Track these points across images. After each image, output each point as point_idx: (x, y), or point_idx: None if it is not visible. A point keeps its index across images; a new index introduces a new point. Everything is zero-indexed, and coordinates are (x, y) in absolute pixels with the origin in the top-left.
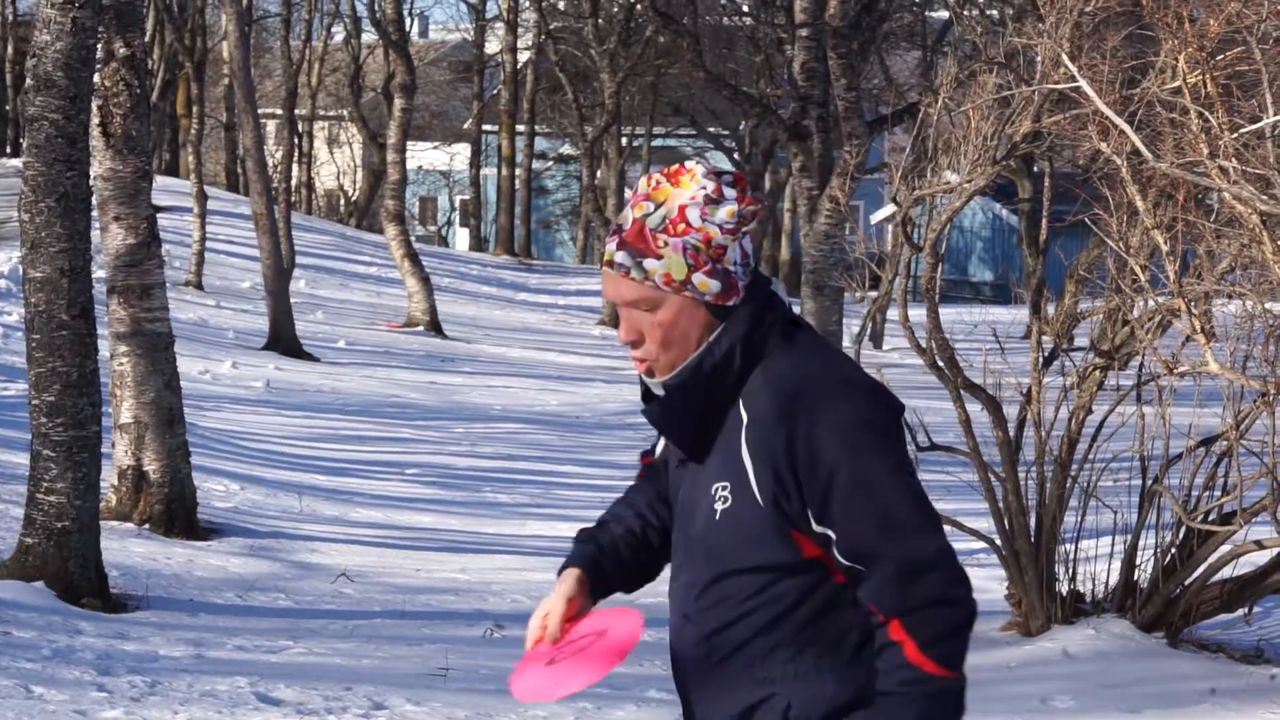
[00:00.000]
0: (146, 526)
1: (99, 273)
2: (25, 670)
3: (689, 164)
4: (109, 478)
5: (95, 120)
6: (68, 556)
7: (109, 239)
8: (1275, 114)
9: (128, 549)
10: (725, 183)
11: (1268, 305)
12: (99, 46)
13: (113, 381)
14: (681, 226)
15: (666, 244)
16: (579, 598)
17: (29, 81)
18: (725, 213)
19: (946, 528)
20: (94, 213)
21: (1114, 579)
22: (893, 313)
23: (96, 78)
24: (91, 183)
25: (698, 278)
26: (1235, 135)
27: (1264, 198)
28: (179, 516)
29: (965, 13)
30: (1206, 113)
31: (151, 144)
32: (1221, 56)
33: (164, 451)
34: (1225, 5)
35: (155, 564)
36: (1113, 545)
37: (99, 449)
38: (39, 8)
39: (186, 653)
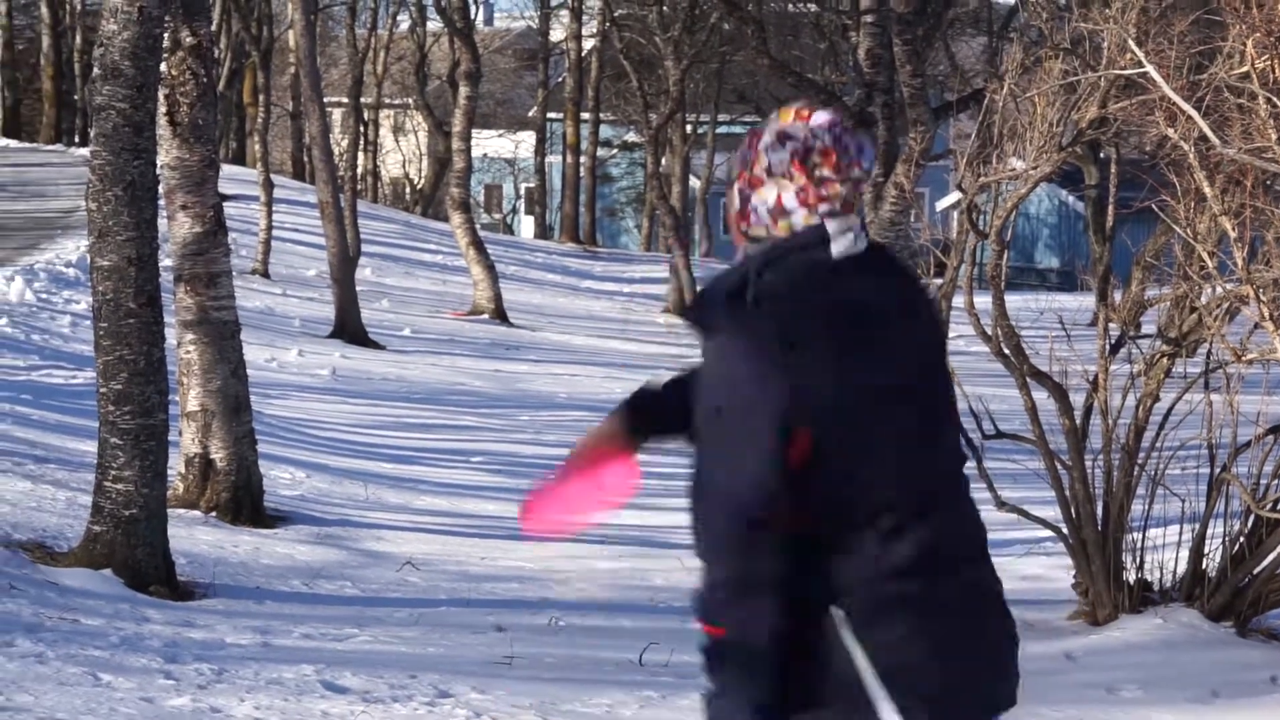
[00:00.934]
0: (213, 514)
1: (166, 261)
2: (93, 658)
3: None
4: (176, 466)
5: (162, 109)
6: (135, 544)
7: (176, 227)
8: None
9: (194, 537)
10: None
11: None
12: (165, 35)
13: (179, 369)
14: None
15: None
16: (615, 438)
17: (96, 71)
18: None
19: (1014, 516)
20: (160, 201)
21: (1181, 568)
22: (958, 300)
23: (163, 67)
24: (158, 171)
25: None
26: None
27: None
28: (245, 504)
29: None
30: (1275, 98)
31: (218, 133)
32: None
33: (230, 439)
34: None
35: (222, 552)
36: (1180, 534)
37: (166, 437)
38: None
39: (253, 640)
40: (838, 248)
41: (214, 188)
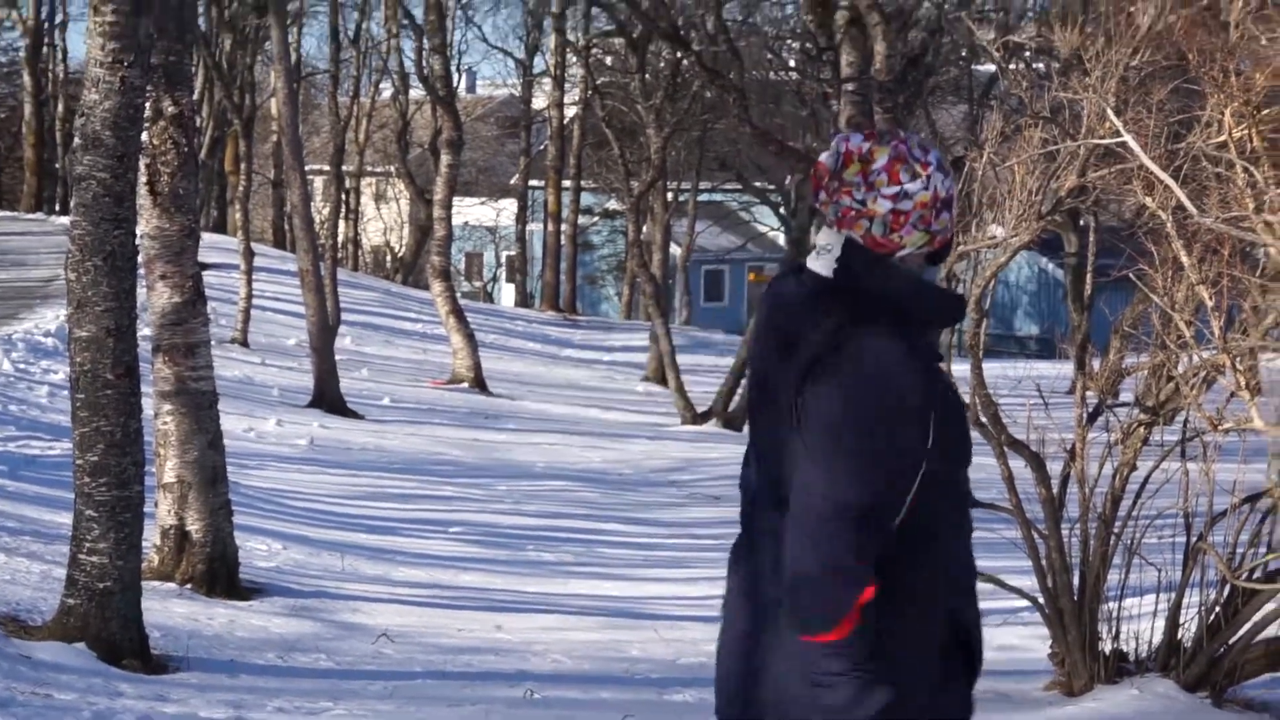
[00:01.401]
0: (188, 586)
1: (144, 330)
2: None
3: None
4: (151, 537)
5: (143, 179)
6: (109, 617)
7: (155, 297)
8: None
9: (169, 609)
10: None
11: None
12: (147, 105)
13: (156, 440)
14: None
15: None
16: None
17: (77, 140)
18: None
19: (990, 586)
20: (140, 271)
21: (1158, 638)
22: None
23: (144, 136)
24: (138, 241)
25: None
26: None
27: None
28: (221, 576)
29: (1011, 67)
30: (1252, 167)
31: (199, 202)
32: (1267, 111)
33: (207, 511)
34: (1271, 59)
35: (197, 624)
36: (1156, 603)
37: (142, 509)
38: (88, 66)
39: (227, 715)
40: (811, 257)
41: (193, 257)
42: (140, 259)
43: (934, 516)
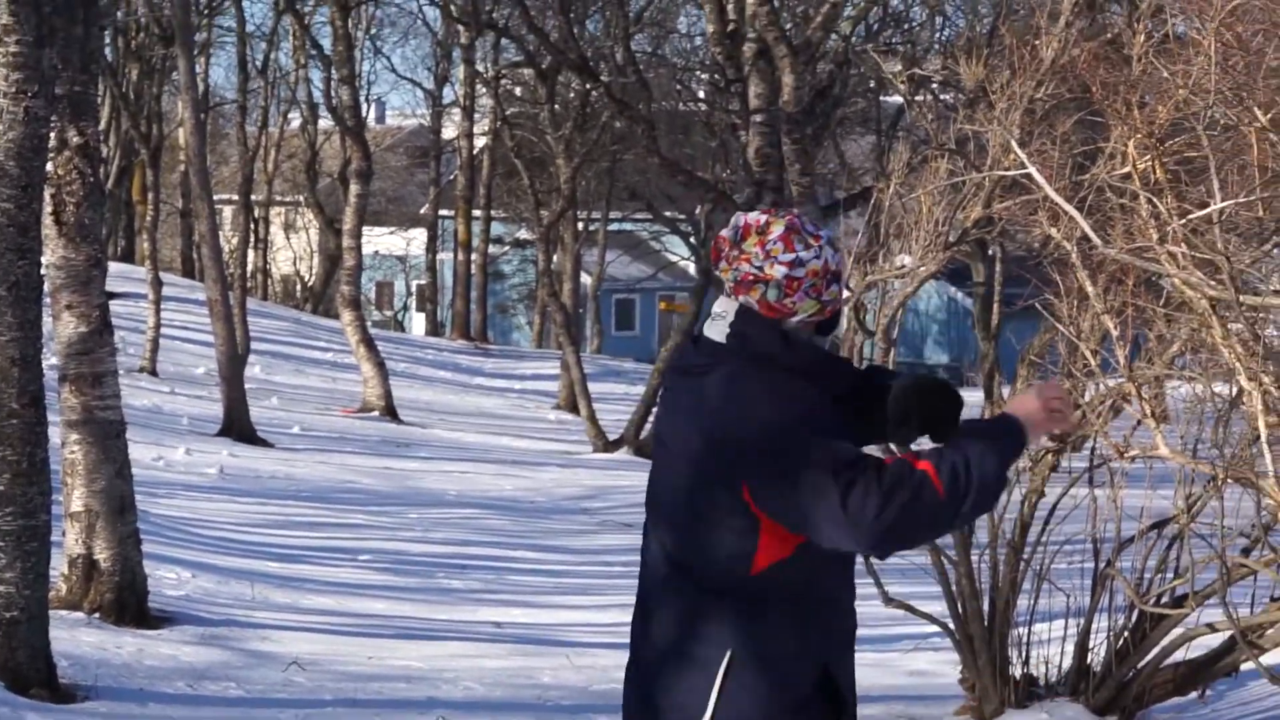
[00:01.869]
0: (97, 615)
1: (51, 360)
2: None
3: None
4: (59, 566)
5: (48, 209)
6: (16, 646)
7: (61, 327)
8: (1222, 200)
9: (77, 638)
10: None
11: (1217, 389)
12: (52, 135)
13: (64, 469)
14: None
15: None
16: None
17: None
18: None
19: (900, 612)
20: (46, 300)
21: (1067, 662)
22: None
23: (49, 166)
24: (44, 271)
25: None
26: (1184, 221)
27: (1212, 283)
28: (130, 605)
29: (917, 99)
30: (1155, 199)
31: (105, 231)
32: (1170, 143)
33: (115, 540)
34: (1174, 93)
35: (105, 653)
36: (1066, 628)
37: (49, 538)
38: None
39: None
40: (706, 324)
41: (100, 287)
42: (46, 289)
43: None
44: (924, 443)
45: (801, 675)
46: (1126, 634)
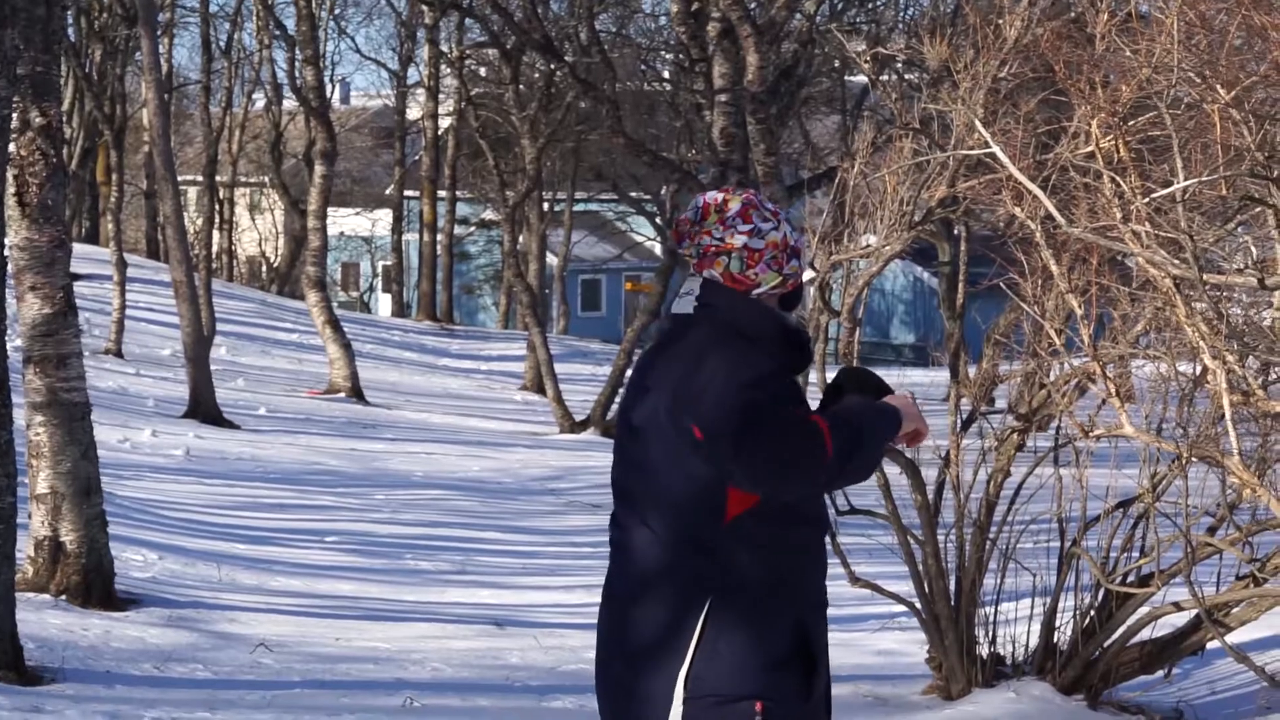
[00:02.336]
0: (63, 598)
1: (15, 342)
2: None
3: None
4: (25, 549)
5: (10, 190)
6: None
7: (25, 309)
8: (1186, 179)
9: (44, 620)
10: None
11: (1181, 368)
12: (14, 116)
13: (29, 451)
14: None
15: None
16: None
17: None
18: None
19: (867, 592)
20: (9, 282)
21: (1034, 641)
22: (813, 377)
23: (12, 147)
24: (7, 252)
25: None
26: (1148, 200)
27: (1176, 261)
28: (96, 587)
29: (882, 78)
30: (1119, 178)
31: (70, 213)
32: (1134, 122)
33: (81, 522)
34: (1137, 71)
35: (72, 635)
36: (1032, 608)
37: (14, 520)
38: None
39: None
40: (674, 303)
41: (64, 268)
42: (9, 270)
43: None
44: None
45: (779, 633)
46: (1093, 613)
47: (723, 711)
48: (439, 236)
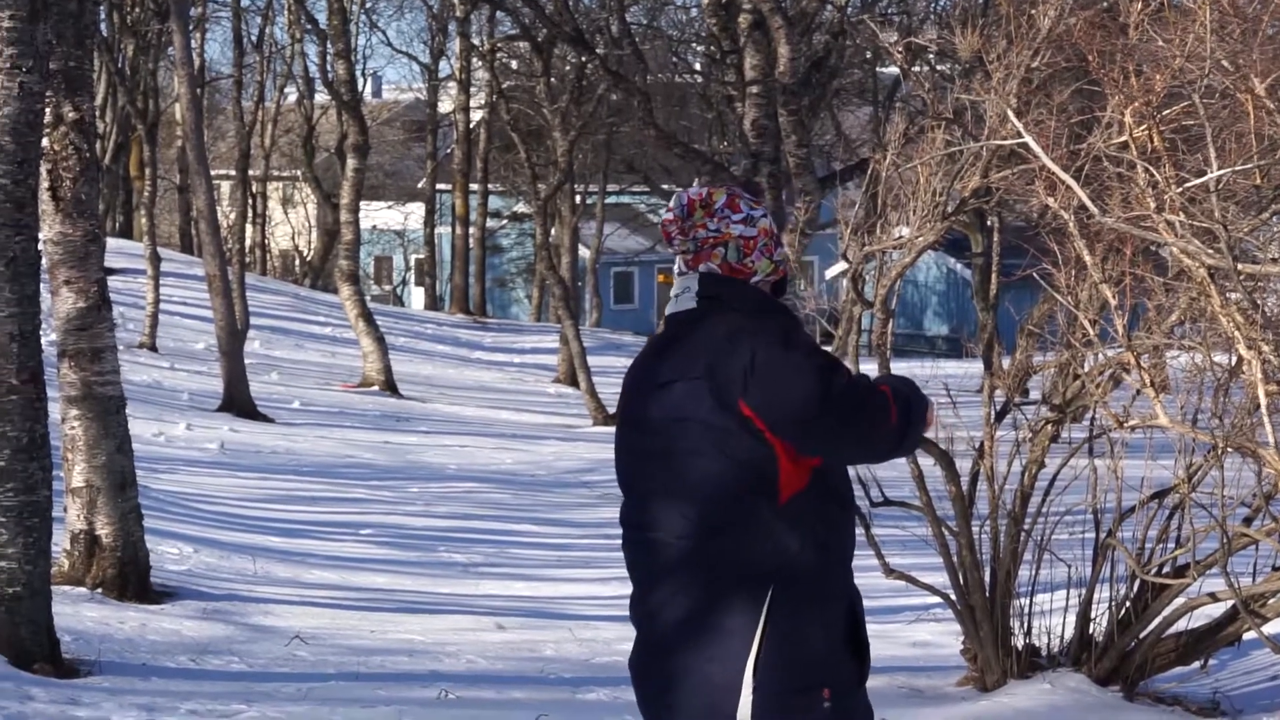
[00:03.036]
0: (99, 591)
1: (50, 336)
2: None
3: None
4: (61, 542)
5: (44, 184)
6: (19, 622)
7: (59, 303)
8: (1220, 168)
9: (80, 614)
10: None
11: (1216, 358)
12: (47, 111)
13: (64, 445)
14: None
15: None
16: None
17: None
18: None
19: (902, 583)
20: (44, 276)
21: (1069, 633)
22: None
23: (45, 142)
24: (41, 247)
25: None
26: (1181, 189)
27: (1210, 251)
28: (132, 580)
29: (914, 69)
30: (1152, 167)
31: (103, 207)
32: (1167, 111)
33: (116, 515)
34: (1170, 61)
35: (108, 628)
36: (1067, 599)
37: (50, 513)
38: None
39: (139, 718)
40: (669, 307)
41: (98, 262)
42: (44, 264)
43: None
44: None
45: (837, 618)
46: (1128, 604)
47: (794, 701)
48: (471, 230)
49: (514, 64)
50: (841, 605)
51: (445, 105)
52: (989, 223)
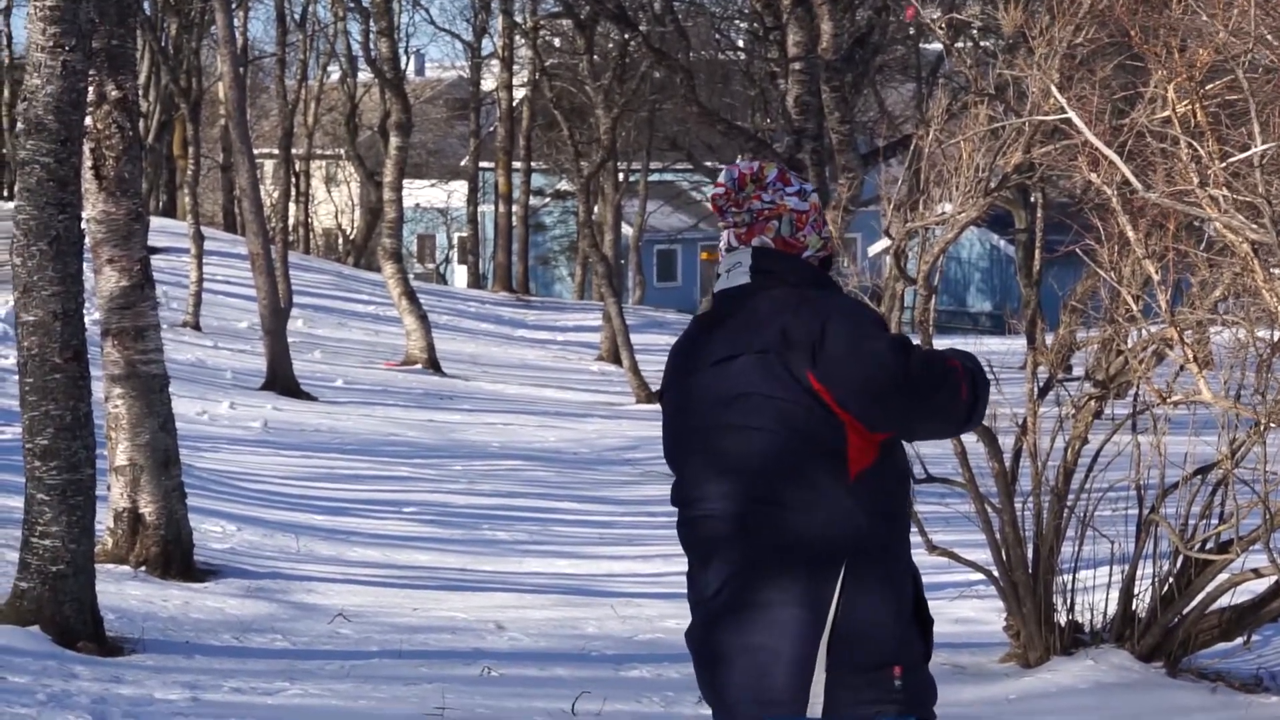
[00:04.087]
0: (143, 569)
1: (94, 315)
2: (20, 716)
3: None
4: (105, 520)
5: (87, 163)
6: (63, 600)
7: (102, 281)
8: (1264, 143)
9: (124, 592)
10: None
11: (1260, 333)
12: (90, 89)
13: (108, 424)
14: None
15: None
16: None
17: (20, 125)
18: None
19: (945, 560)
20: (87, 255)
21: (1112, 609)
22: None
23: (88, 120)
24: (84, 225)
25: None
26: (1225, 164)
27: (1254, 226)
28: (175, 558)
29: (957, 45)
30: (1196, 142)
31: (146, 186)
32: (1210, 86)
33: (160, 493)
34: (1214, 35)
35: (151, 606)
36: (1110, 575)
37: (93, 492)
38: (29, 51)
39: (182, 696)
40: (718, 284)
41: (141, 241)
42: (87, 243)
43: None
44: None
45: (905, 594)
46: (1171, 580)
47: (867, 678)
48: (514, 208)
49: (557, 41)
50: (907, 581)
51: (488, 83)
52: (1032, 199)
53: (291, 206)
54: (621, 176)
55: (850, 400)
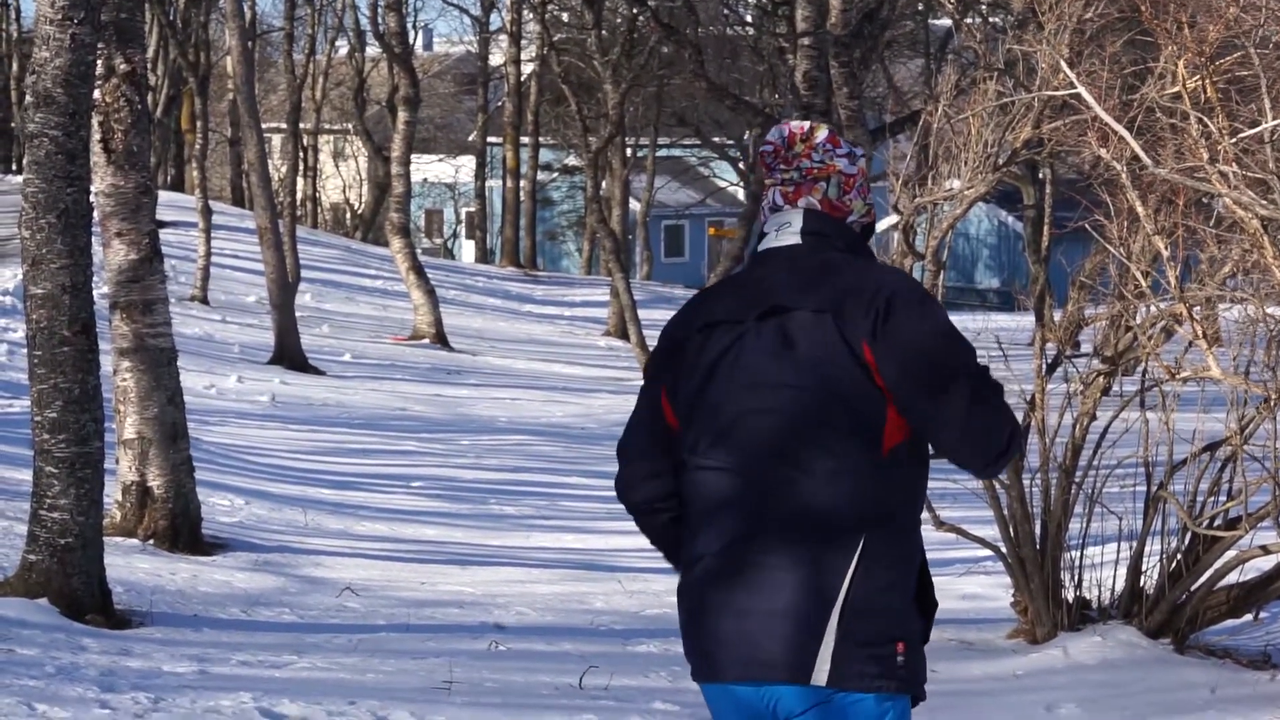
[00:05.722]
0: (151, 542)
1: (102, 288)
2: (28, 688)
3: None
4: (113, 493)
5: (96, 136)
6: (71, 573)
7: (111, 255)
8: (1274, 118)
9: (132, 565)
10: None
11: (1269, 310)
12: (99, 62)
13: (116, 397)
14: None
15: None
16: None
17: (29, 98)
18: None
19: (952, 536)
20: (96, 228)
21: (1120, 585)
22: None
23: (97, 94)
24: (93, 199)
25: None
26: (1235, 140)
27: (1264, 202)
28: (183, 532)
29: (966, 20)
30: (1206, 118)
31: (155, 160)
32: (1221, 62)
33: (168, 467)
34: (1224, 11)
35: (159, 580)
36: (1118, 552)
37: (102, 465)
38: (38, 24)
39: (190, 669)
40: (764, 241)
41: (149, 214)
42: (95, 216)
43: None
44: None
45: (914, 572)
46: (1179, 557)
47: (872, 652)
48: (522, 183)
49: (565, 16)
50: (918, 560)
51: (496, 58)
52: (1041, 175)
53: (299, 181)
54: (629, 152)
55: (901, 381)
